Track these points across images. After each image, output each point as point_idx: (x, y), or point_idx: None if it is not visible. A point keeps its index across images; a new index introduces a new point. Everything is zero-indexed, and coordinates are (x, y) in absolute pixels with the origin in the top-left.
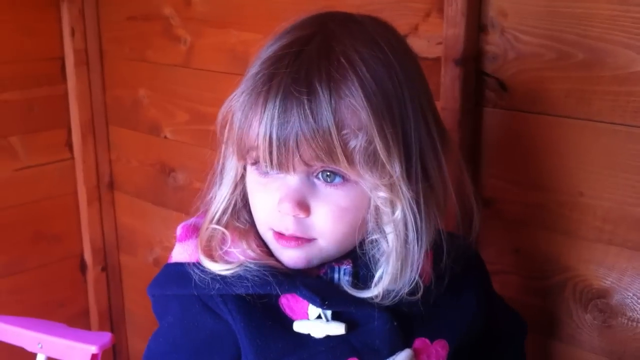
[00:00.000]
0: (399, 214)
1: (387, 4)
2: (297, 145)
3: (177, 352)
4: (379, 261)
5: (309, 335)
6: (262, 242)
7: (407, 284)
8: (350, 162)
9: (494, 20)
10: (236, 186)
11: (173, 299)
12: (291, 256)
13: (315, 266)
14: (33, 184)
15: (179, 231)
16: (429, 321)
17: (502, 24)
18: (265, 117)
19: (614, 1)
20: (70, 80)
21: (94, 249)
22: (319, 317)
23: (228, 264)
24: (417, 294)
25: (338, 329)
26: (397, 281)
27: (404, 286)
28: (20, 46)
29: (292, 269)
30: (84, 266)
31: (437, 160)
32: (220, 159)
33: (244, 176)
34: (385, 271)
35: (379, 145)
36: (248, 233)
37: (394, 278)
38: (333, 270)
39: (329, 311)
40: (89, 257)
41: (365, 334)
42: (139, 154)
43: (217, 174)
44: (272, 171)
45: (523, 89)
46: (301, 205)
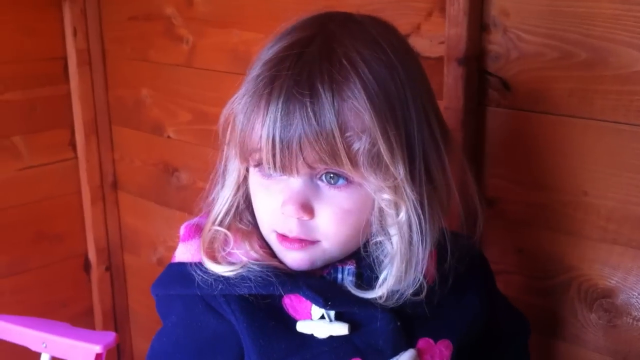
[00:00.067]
0: (403, 215)
1: (388, 3)
2: (301, 147)
3: (181, 352)
4: (382, 262)
5: (312, 336)
6: (265, 243)
7: (411, 285)
8: (354, 164)
9: (496, 19)
10: (239, 188)
11: (176, 298)
12: (295, 258)
13: (319, 267)
14: (36, 183)
15: (182, 231)
16: (433, 321)
17: (504, 23)
18: (267, 119)
19: (617, 0)
20: (72, 80)
21: (97, 248)
22: (322, 317)
23: (231, 265)
24: (421, 294)
25: (341, 329)
26: (401, 282)
27: (408, 287)
28: (23, 46)
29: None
30: (87, 266)
31: (440, 160)
32: (223, 160)
33: (246, 178)
34: (390, 273)
35: (382, 147)
36: (251, 234)
37: (398, 279)
38: (336, 271)
39: (332, 311)
40: (92, 256)
41: (369, 334)
42: (142, 153)
43: (219, 175)
44: (275, 173)
45: (526, 88)
46: (305, 208)
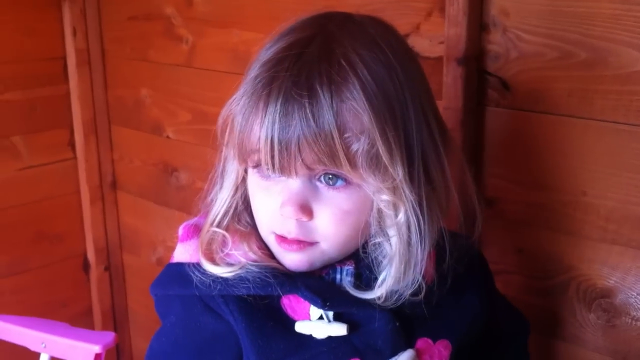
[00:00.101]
0: (402, 216)
1: (388, 3)
2: (299, 149)
3: (180, 352)
4: (381, 263)
5: (310, 336)
6: (263, 244)
7: (410, 285)
8: (353, 165)
9: (495, 19)
10: (237, 189)
11: (175, 299)
12: (293, 259)
13: (318, 268)
14: (36, 183)
15: (181, 231)
16: (432, 321)
17: (504, 23)
18: (266, 120)
19: (616, 0)
20: (72, 80)
21: (97, 248)
22: (321, 317)
23: (229, 266)
24: (419, 294)
25: (340, 329)
26: (400, 283)
27: (406, 287)
28: (22, 46)
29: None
30: (87, 266)
31: (439, 161)
32: (221, 161)
33: (245, 179)
34: (388, 274)
35: (381, 149)
36: (249, 235)
37: (396, 280)
38: (335, 271)
39: (330, 312)
40: (92, 256)
41: (367, 334)
42: (141, 153)
43: (217, 176)
44: (274, 175)
45: (525, 88)
46: (304, 209)
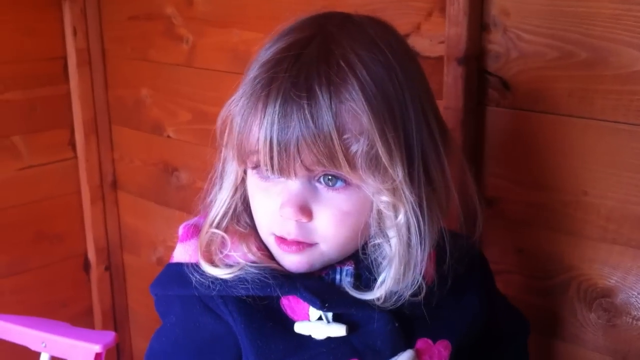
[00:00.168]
0: (401, 218)
1: (389, 3)
2: (298, 150)
3: (180, 352)
4: (381, 265)
5: (310, 337)
6: (262, 245)
7: (410, 286)
8: (352, 166)
9: (496, 19)
10: (236, 190)
11: (175, 299)
12: (293, 261)
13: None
14: (36, 183)
15: (181, 231)
16: (432, 322)
17: (504, 23)
18: (265, 121)
19: (617, 0)
20: (72, 79)
21: (97, 248)
22: (320, 318)
23: (228, 267)
24: (419, 295)
25: (339, 330)
26: (400, 284)
27: (406, 288)
28: (22, 46)
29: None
30: (87, 265)
31: (439, 162)
32: (220, 162)
33: (244, 180)
34: (388, 275)
35: (380, 150)
36: (248, 236)
37: (396, 281)
38: (335, 271)
39: (330, 313)
40: (92, 256)
41: (367, 335)
42: (141, 153)
43: (217, 177)
44: (273, 176)
45: (526, 88)
46: (303, 210)
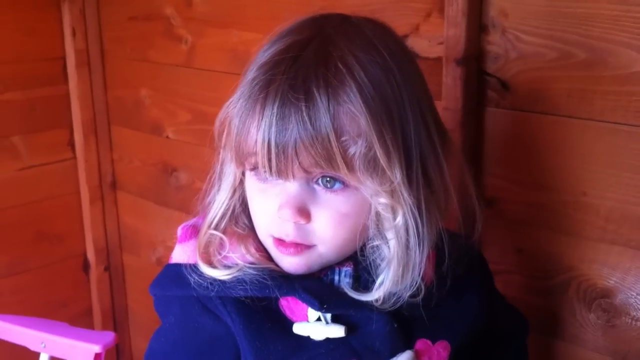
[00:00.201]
0: (400, 219)
1: (387, 3)
2: (296, 152)
3: (179, 353)
4: (379, 267)
5: (308, 338)
6: (261, 246)
7: (409, 288)
8: (350, 168)
9: (494, 20)
10: (235, 191)
11: (174, 299)
12: (291, 263)
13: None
14: (35, 183)
15: (179, 232)
16: (431, 322)
17: (503, 24)
18: (263, 123)
19: (615, 1)
20: (71, 80)
21: (96, 248)
22: (319, 319)
23: (226, 269)
24: (418, 296)
25: (338, 331)
26: (398, 285)
27: (405, 290)
28: (22, 46)
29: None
30: (86, 266)
31: (438, 163)
32: (219, 164)
33: (242, 181)
34: (386, 277)
35: (379, 152)
36: (247, 237)
37: (395, 283)
38: (333, 272)
39: (328, 313)
40: (91, 256)
41: (366, 336)
42: (141, 153)
43: (215, 178)
44: (271, 177)
45: (525, 88)
46: (301, 212)
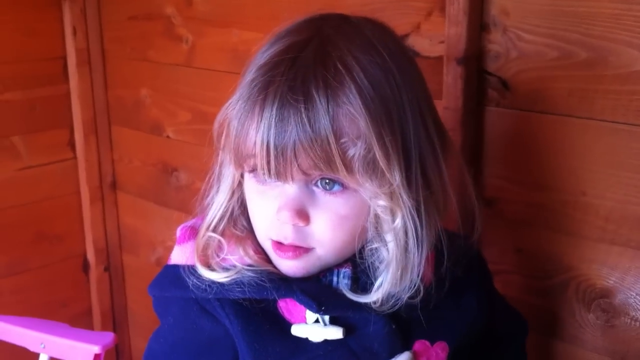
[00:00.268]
0: (399, 222)
1: (388, 2)
2: (295, 154)
3: (178, 353)
4: (378, 269)
5: (307, 339)
6: (259, 249)
7: (407, 289)
8: (350, 170)
9: (495, 19)
10: (233, 193)
11: (173, 300)
12: (290, 266)
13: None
14: (35, 183)
15: (178, 233)
16: (429, 323)
17: (504, 23)
18: (262, 125)
19: (616, 0)
20: (72, 80)
21: (96, 248)
22: (317, 321)
23: (225, 271)
24: (417, 297)
25: (336, 333)
26: (397, 287)
27: (404, 291)
28: (22, 46)
29: None
30: (86, 266)
31: (437, 165)
32: (217, 165)
33: (241, 183)
34: (385, 279)
35: (378, 154)
36: (245, 240)
37: (393, 285)
38: (332, 274)
39: (327, 315)
40: (91, 257)
41: (364, 337)
42: (141, 153)
43: (214, 180)
44: (270, 180)
45: (525, 88)
46: (300, 214)
